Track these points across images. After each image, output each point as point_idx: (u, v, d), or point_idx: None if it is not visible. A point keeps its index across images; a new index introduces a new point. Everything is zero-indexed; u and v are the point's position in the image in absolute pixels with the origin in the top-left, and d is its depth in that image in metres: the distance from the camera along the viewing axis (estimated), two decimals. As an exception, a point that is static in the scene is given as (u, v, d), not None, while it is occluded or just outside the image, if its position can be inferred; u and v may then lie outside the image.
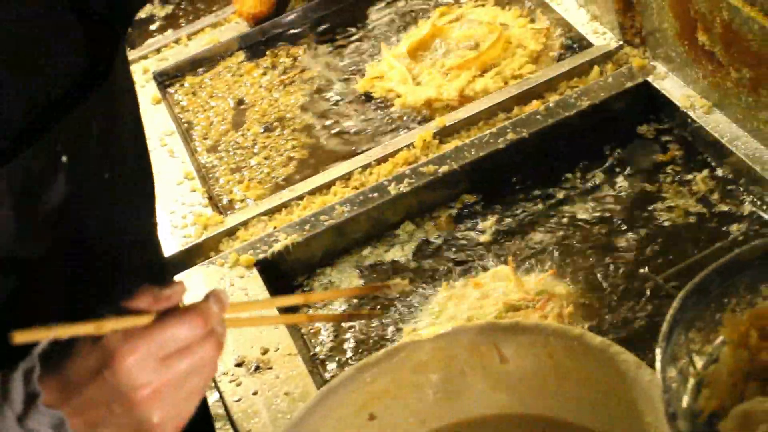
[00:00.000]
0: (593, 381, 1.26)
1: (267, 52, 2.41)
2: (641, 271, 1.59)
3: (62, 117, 1.12)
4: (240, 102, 2.30)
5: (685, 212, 1.72)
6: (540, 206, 1.84)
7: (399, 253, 1.85)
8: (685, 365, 1.16)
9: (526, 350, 1.31)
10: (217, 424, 1.60)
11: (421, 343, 1.34)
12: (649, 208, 1.75)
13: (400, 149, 1.97)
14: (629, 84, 1.94)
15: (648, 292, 1.58)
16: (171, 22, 2.64)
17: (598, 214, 1.78)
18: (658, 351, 1.12)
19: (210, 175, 2.14)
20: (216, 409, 1.62)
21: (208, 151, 2.21)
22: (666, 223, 1.71)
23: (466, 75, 2.08)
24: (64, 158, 1.12)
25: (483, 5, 2.28)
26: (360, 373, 1.33)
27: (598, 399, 1.26)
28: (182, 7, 2.70)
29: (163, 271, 1.52)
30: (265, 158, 2.13)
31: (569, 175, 1.87)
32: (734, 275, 1.19)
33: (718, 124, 1.79)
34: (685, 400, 1.15)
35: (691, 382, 1.16)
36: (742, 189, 1.72)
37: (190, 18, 2.62)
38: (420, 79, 2.14)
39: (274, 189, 2.04)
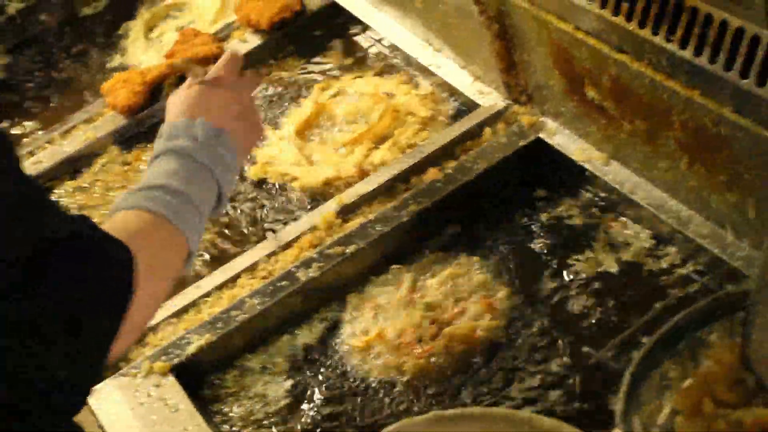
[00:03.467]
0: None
1: (148, 145, 2.35)
2: (584, 349, 1.57)
3: None
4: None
5: (604, 273, 1.73)
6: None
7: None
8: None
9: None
10: None
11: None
12: (564, 270, 1.77)
13: (304, 233, 1.95)
14: (522, 142, 1.96)
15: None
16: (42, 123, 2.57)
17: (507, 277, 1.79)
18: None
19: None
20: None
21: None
22: (588, 292, 1.72)
23: (361, 149, 2.07)
24: None
25: (361, 76, 2.27)
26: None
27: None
28: (51, 105, 2.63)
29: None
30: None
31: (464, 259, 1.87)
32: (676, 342, 1.21)
33: (617, 176, 1.82)
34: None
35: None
36: (652, 239, 1.75)
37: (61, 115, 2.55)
38: (313, 158, 2.12)
39: (178, 287, 1.98)
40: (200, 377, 1.82)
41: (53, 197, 2.30)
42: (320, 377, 1.77)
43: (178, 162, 1.46)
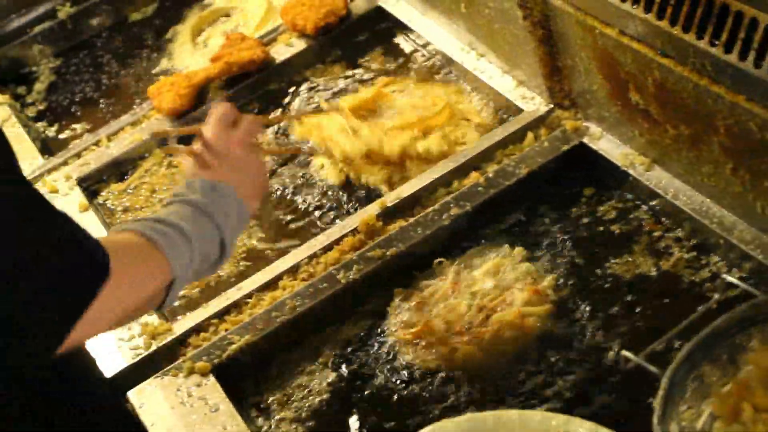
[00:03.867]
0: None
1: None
2: (623, 352, 1.52)
3: None
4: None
5: (642, 277, 1.72)
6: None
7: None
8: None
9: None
10: None
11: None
12: (606, 274, 1.76)
13: (345, 235, 1.95)
14: (565, 147, 1.96)
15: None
16: (91, 125, 2.60)
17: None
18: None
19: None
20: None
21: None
22: (628, 295, 1.71)
23: (409, 134, 2.07)
24: None
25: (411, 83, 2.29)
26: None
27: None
28: (99, 108, 2.66)
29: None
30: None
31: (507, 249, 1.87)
32: (715, 347, 1.19)
33: (661, 181, 1.80)
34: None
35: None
36: (694, 244, 1.73)
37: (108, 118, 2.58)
38: (361, 132, 2.13)
39: (221, 287, 2.00)
40: (241, 377, 1.83)
41: (100, 199, 2.33)
42: (365, 371, 1.77)
43: (178, 206, 1.51)
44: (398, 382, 1.74)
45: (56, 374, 1.37)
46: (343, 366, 1.80)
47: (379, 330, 1.83)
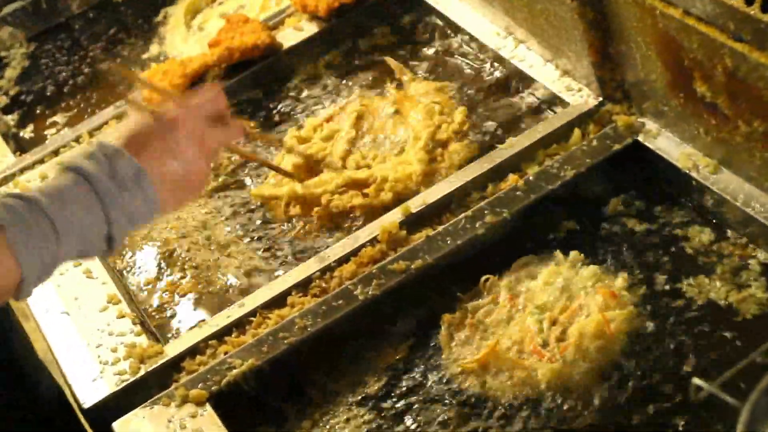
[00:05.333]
0: None
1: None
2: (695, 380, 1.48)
3: None
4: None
5: (711, 302, 1.71)
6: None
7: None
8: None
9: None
10: None
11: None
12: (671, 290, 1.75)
13: (363, 245, 1.93)
14: (617, 146, 1.94)
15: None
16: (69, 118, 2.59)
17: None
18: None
19: (139, 296, 2.06)
20: None
21: (132, 267, 2.14)
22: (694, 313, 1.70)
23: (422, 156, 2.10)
24: None
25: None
26: None
27: None
28: (80, 99, 2.64)
29: None
30: (205, 267, 2.07)
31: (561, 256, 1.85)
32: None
33: (729, 185, 1.78)
34: None
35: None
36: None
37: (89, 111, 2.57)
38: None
39: (220, 303, 1.98)
40: (242, 408, 1.81)
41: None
42: (424, 413, 1.72)
43: (70, 181, 1.45)
44: (486, 419, 1.70)
45: None
46: (385, 402, 1.76)
47: (424, 358, 1.80)
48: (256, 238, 2.10)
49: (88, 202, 1.45)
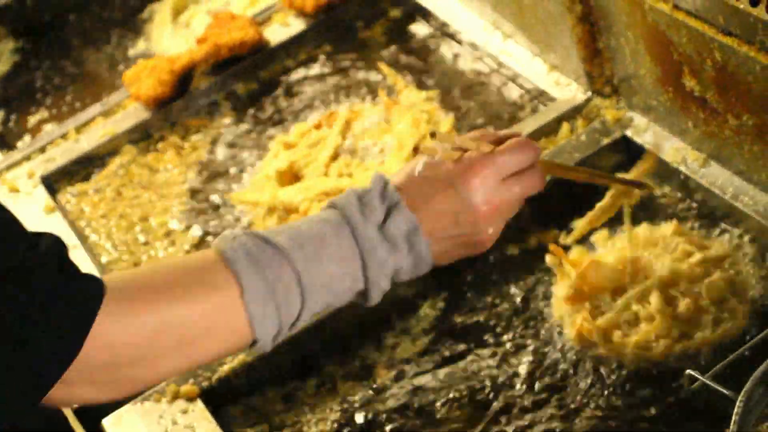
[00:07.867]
0: None
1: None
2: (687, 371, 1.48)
3: None
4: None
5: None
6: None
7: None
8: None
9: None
10: None
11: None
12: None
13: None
14: (606, 140, 1.94)
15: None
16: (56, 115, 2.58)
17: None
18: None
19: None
20: None
21: (118, 261, 2.13)
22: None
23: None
24: None
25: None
26: None
27: None
28: (66, 96, 2.64)
29: None
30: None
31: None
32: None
33: (718, 179, 1.78)
34: None
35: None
36: (757, 251, 1.71)
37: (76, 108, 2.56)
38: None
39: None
40: (233, 403, 1.80)
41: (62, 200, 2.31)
42: None
43: (327, 224, 1.32)
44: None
45: None
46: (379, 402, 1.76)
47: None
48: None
49: (345, 254, 1.31)
